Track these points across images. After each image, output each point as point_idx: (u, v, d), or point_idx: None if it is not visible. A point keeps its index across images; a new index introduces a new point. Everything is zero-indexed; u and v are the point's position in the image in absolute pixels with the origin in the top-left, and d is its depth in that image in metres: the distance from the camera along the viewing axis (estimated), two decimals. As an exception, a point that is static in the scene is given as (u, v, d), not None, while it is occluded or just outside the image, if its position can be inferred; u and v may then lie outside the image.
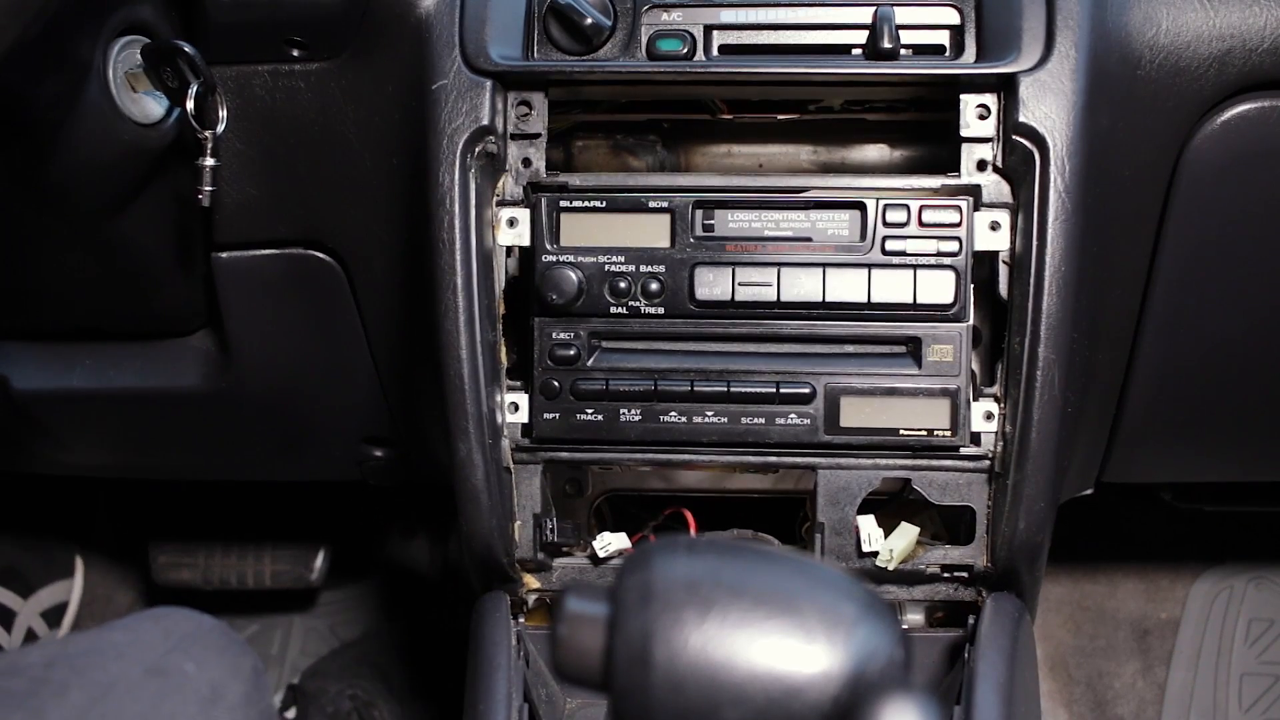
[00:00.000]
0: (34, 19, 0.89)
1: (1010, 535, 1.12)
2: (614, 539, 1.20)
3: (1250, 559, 1.98)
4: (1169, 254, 1.20)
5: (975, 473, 1.15)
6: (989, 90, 1.11)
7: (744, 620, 0.60)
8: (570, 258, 1.13)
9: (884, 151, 1.25)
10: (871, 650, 0.59)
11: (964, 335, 1.12)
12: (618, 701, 0.61)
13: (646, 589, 0.61)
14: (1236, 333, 1.26)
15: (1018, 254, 1.11)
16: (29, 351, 1.42)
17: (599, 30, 1.13)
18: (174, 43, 1.08)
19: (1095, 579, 1.99)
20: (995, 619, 1.12)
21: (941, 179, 1.12)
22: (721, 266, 1.12)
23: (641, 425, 1.14)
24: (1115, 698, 1.92)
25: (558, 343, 1.14)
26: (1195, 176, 1.16)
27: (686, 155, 1.27)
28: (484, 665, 1.12)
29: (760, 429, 1.13)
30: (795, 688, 0.58)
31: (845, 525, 1.16)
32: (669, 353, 1.14)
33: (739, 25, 1.15)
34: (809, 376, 1.13)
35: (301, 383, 1.40)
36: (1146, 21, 1.12)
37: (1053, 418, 1.10)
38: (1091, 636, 1.96)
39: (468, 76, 1.11)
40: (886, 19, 1.11)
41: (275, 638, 2.07)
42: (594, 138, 1.24)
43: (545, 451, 1.17)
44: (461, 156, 1.10)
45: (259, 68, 1.20)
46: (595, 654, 0.62)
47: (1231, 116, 1.14)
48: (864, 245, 1.12)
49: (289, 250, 1.29)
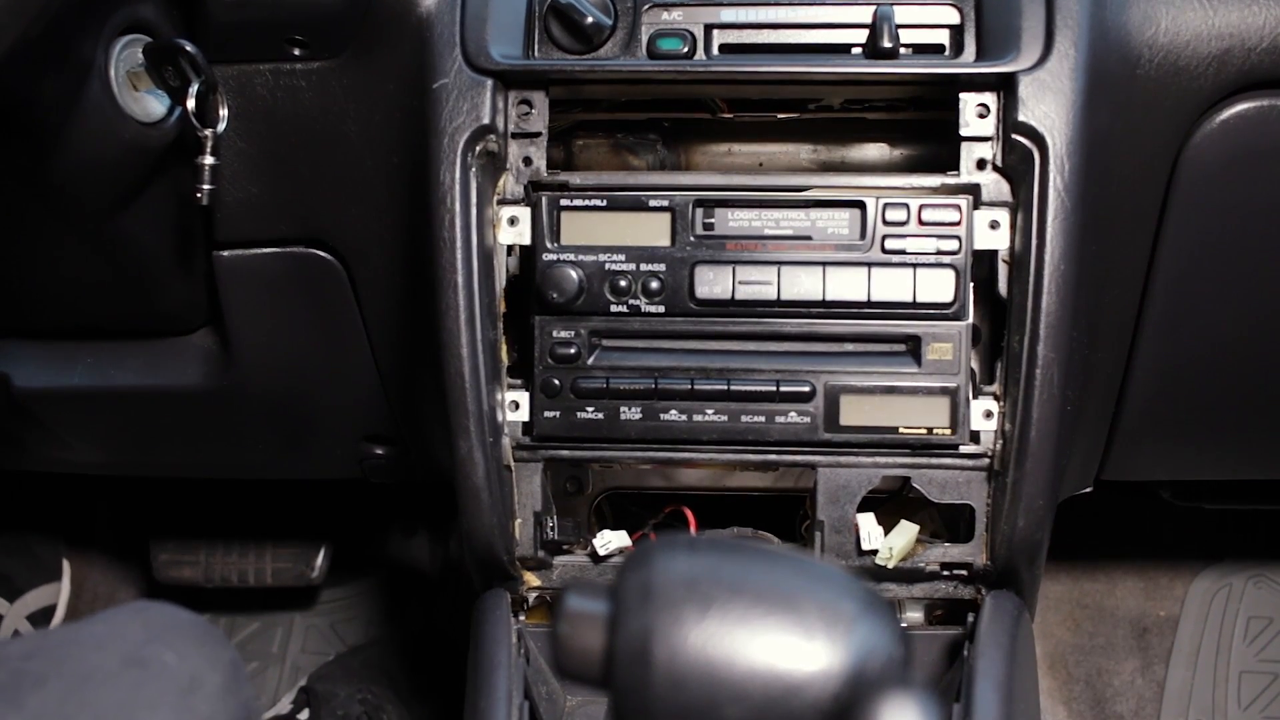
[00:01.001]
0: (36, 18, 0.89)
1: (1009, 533, 1.13)
2: (614, 537, 1.20)
3: (1249, 557, 1.98)
4: (1168, 252, 1.20)
5: (974, 471, 1.15)
6: (988, 89, 1.11)
7: (744, 618, 0.60)
8: (571, 256, 1.13)
9: (884, 150, 1.25)
10: (871, 648, 0.60)
11: (963, 334, 1.12)
12: (618, 699, 0.61)
13: (647, 587, 0.61)
14: (1235, 331, 1.27)
15: (1017, 253, 1.11)
16: (30, 350, 1.42)
17: (599, 29, 1.14)
18: (175, 41, 1.08)
19: (1094, 577, 1.99)
20: (994, 617, 1.12)
21: (941, 178, 1.13)
22: (722, 265, 1.13)
23: (642, 423, 1.14)
24: (1114, 695, 1.92)
25: (558, 341, 1.14)
26: (1194, 175, 1.16)
27: (687, 154, 1.27)
28: (484, 663, 1.12)
29: (760, 427, 1.13)
30: (795, 685, 0.59)
31: (845, 523, 1.16)
32: (669, 351, 1.15)
33: (739, 24, 1.15)
34: (809, 375, 1.13)
35: (302, 381, 1.40)
36: (1146, 21, 1.12)
37: (1052, 416, 1.10)
38: (1091, 634, 1.96)
39: (468, 75, 1.12)
40: (886, 18, 1.11)
41: (276, 635, 2.08)
42: (594, 137, 1.24)
43: (546, 450, 1.17)
44: (462, 155, 1.10)
45: (260, 66, 1.20)
46: (596, 652, 0.62)
47: (1230, 115, 1.14)
48: (864, 244, 1.12)
49: (290, 249, 1.29)
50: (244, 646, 2.07)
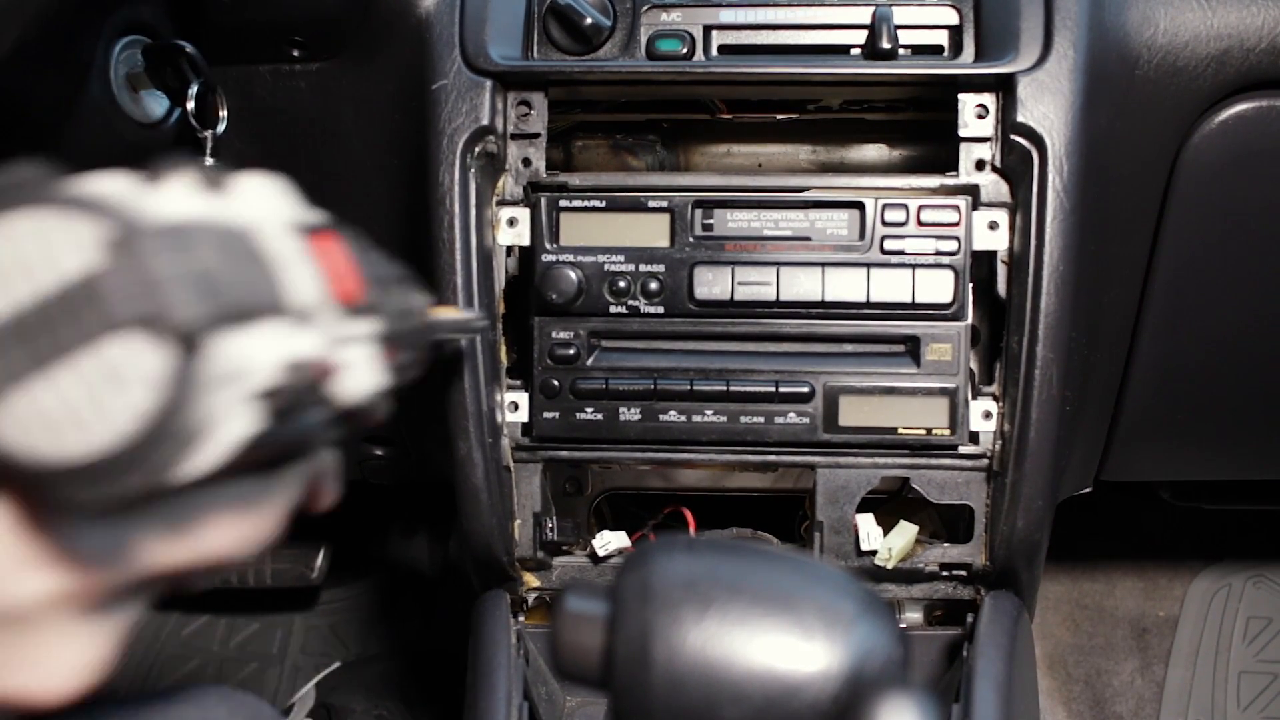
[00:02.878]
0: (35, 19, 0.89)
1: (1009, 534, 1.13)
2: (613, 538, 1.20)
3: (1248, 557, 1.98)
4: (1167, 253, 1.20)
5: (974, 471, 1.15)
6: (987, 90, 1.11)
7: (743, 618, 0.60)
8: (570, 257, 1.13)
9: (883, 151, 1.25)
10: (870, 648, 0.60)
11: (962, 334, 1.12)
12: (617, 700, 0.61)
13: (646, 587, 0.61)
14: (1235, 331, 1.27)
15: (1016, 253, 1.11)
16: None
17: (598, 30, 1.14)
18: (175, 43, 1.08)
19: (1094, 577, 2.00)
20: (994, 617, 1.12)
21: (940, 179, 1.13)
22: (721, 266, 1.13)
23: (641, 424, 1.14)
24: (1114, 696, 1.92)
25: (557, 342, 1.14)
26: (1193, 176, 1.16)
27: (686, 155, 1.27)
28: (484, 664, 1.12)
29: (759, 428, 1.14)
30: (794, 686, 0.59)
31: (844, 524, 1.16)
32: (668, 352, 1.15)
33: (738, 25, 1.15)
34: (808, 375, 1.13)
35: (302, 382, 1.40)
36: (1144, 21, 1.12)
37: (1051, 416, 1.10)
38: (1090, 635, 1.97)
39: (468, 76, 1.12)
40: (885, 19, 1.11)
41: (275, 636, 2.08)
42: (594, 138, 1.24)
43: (545, 450, 1.17)
44: (461, 156, 1.11)
45: (259, 68, 1.20)
46: (595, 652, 0.62)
47: (1229, 116, 1.14)
48: (863, 245, 1.12)
49: (289, 249, 1.29)
50: (244, 647, 2.07)
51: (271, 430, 0.52)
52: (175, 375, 0.46)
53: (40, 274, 0.45)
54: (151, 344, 0.45)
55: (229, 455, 0.49)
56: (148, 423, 0.45)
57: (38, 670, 0.51)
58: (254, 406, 0.50)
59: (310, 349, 0.53)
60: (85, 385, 0.45)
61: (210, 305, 0.46)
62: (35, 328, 0.44)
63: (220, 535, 0.54)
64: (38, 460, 0.46)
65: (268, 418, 0.51)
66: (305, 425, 0.56)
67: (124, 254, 0.45)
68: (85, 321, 0.44)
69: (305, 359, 0.52)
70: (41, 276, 0.45)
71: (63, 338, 0.44)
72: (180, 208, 0.50)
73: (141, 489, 0.47)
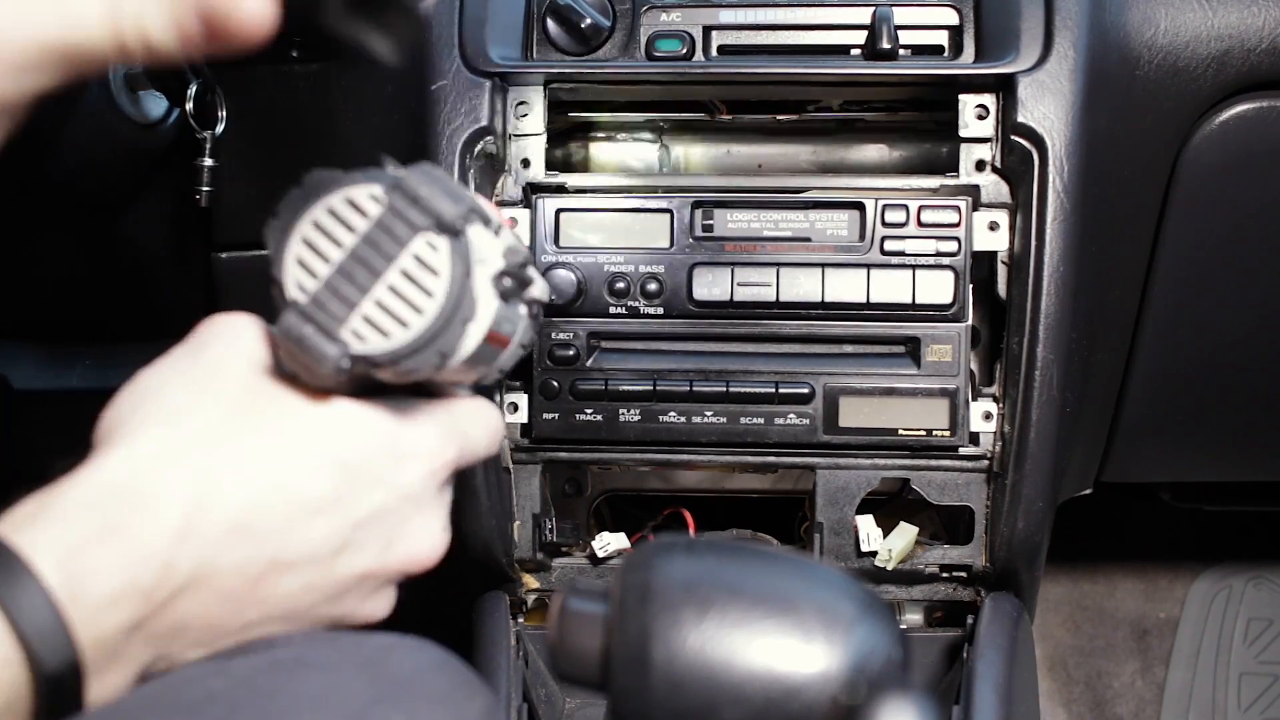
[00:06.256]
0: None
1: (1009, 535, 1.13)
2: (613, 539, 1.20)
3: (1249, 559, 1.98)
4: (1168, 254, 1.20)
5: (974, 472, 1.15)
6: (987, 90, 1.11)
7: (742, 620, 0.60)
8: (569, 258, 1.13)
9: (883, 152, 1.25)
10: (870, 650, 0.60)
11: (963, 335, 1.12)
12: (616, 701, 0.61)
13: (645, 589, 0.61)
14: (1235, 332, 1.27)
15: (1016, 254, 1.11)
16: (29, 351, 1.42)
17: (598, 31, 1.14)
18: (174, 43, 1.08)
19: (1094, 579, 1.99)
20: (994, 619, 1.12)
21: (940, 179, 1.12)
22: (720, 267, 1.12)
23: (641, 425, 1.14)
24: (1114, 697, 1.92)
25: (557, 343, 1.14)
26: (1194, 176, 1.16)
27: (686, 156, 1.27)
28: (483, 665, 1.12)
29: (759, 429, 1.13)
30: (794, 687, 0.59)
31: (844, 525, 1.16)
32: (668, 353, 1.14)
33: (738, 25, 1.15)
34: (808, 376, 1.13)
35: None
36: (1145, 22, 1.12)
37: (1051, 418, 1.10)
38: (1090, 636, 1.96)
39: (467, 77, 1.12)
40: (885, 19, 1.11)
41: (275, 637, 2.07)
42: (593, 138, 1.24)
43: (544, 451, 1.17)
44: (461, 156, 1.10)
45: (259, 68, 1.20)
46: (594, 654, 0.62)
47: (1230, 117, 1.14)
48: (863, 245, 1.12)
49: (289, 250, 1.29)
50: (243, 648, 2.07)
51: (501, 312, 0.70)
52: (459, 253, 0.66)
53: (356, 221, 0.67)
54: (438, 236, 0.66)
55: (485, 334, 0.69)
56: (445, 301, 0.65)
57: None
58: (493, 289, 0.69)
59: (513, 240, 0.73)
60: (403, 289, 0.65)
61: (462, 208, 0.66)
62: (365, 251, 0.66)
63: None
64: (369, 355, 0.65)
65: (499, 300, 0.70)
66: (517, 314, 0.75)
67: (400, 191, 0.66)
68: (396, 233, 0.65)
69: (515, 245, 0.72)
70: (357, 222, 0.67)
71: (384, 249, 0.65)
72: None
73: (437, 364, 0.66)
